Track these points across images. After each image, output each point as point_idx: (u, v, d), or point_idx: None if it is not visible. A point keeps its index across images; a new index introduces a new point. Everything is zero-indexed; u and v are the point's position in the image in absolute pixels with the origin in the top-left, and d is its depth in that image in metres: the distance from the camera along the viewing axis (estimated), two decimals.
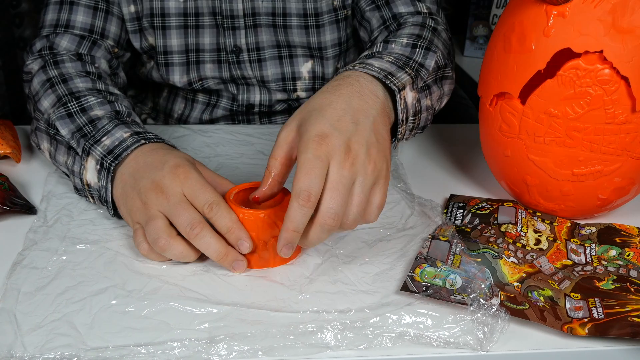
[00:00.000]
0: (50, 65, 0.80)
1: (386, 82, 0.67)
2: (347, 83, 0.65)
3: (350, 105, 0.61)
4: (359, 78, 0.66)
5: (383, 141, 0.62)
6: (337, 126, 0.59)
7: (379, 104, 0.64)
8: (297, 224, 0.57)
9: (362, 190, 0.58)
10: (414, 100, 0.70)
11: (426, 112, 0.74)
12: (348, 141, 0.58)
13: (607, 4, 0.63)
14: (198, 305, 0.58)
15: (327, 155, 0.57)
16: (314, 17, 0.93)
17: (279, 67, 0.97)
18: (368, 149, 0.59)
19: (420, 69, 0.73)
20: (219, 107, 1.01)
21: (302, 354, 0.54)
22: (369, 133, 0.60)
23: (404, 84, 0.68)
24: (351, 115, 0.60)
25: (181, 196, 0.62)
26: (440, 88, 0.77)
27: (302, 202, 0.56)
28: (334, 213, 0.57)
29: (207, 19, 0.92)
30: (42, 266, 0.62)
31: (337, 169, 0.57)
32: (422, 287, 0.60)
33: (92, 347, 0.53)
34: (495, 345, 0.55)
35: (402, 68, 0.71)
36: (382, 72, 0.68)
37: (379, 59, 0.71)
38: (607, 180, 0.69)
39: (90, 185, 0.69)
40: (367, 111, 0.62)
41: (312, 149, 0.57)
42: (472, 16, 1.72)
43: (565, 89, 0.65)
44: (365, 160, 0.58)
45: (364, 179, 0.58)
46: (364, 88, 0.65)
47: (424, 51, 0.75)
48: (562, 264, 0.66)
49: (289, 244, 0.58)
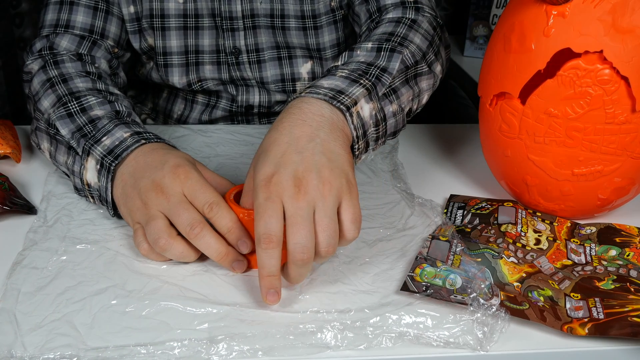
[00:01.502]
0: (50, 65, 0.80)
1: (332, 103, 0.64)
2: (289, 114, 0.63)
3: (292, 136, 0.60)
4: (301, 104, 0.64)
5: (337, 158, 0.60)
6: (281, 162, 0.58)
7: (325, 122, 0.62)
8: (270, 268, 0.56)
9: (325, 214, 0.57)
10: (372, 111, 0.67)
11: (394, 118, 0.71)
12: (295, 172, 0.57)
13: (607, 4, 0.63)
14: (198, 305, 0.58)
15: (278, 194, 0.57)
16: (312, 19, 0.93)
17: (278, 68, 0.97)
18: (319, 173, 0.58)
19: (382, 74, 0.70)
20: (218, 107, 1.01)
21: (302, 354, 0.54)
22: (318, 156, 0.59)
23: (355, 100, 0.66)
24: (295, 146, 0.59)
25: (181, 196, 0.62)
26: (412, 87, 0.74)
27: (265, 245, 0.56)
28: (302, 246, 0.56)
29: (207, 21, 0.93)
30: (42, 266, 0.62)
31: (290, 203, 0.56)
32: (422, 287, 0.60)
33: (92, 347, 0.53)
34: (495, 345, 0.55)
35: (356, 81, 0.68)
36: (330, 92, 0.65)
37: (332, 77, 0.68)
38: (607, 180, 0.69)
39: (90, 185, 0.69)
40: (311, 135, 0.60)
41: (261, 193, 0.57)
42: (472, 16, 1.72)
43: (565, 89, 0.65)
44: (319, 184, 0.57)
45: (323, 203, 0.57)
46: (306, 113, 0.62)
47: (388, 54, 0.72)
48: (562, 264, 0.66)
49: (272, 289, 0.57)
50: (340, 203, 0.58)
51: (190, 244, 0.61)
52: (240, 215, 0.62)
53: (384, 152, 0.88)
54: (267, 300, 0.57)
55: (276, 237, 0.56)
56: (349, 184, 0.59)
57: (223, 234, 0.61)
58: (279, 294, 0.57)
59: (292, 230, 0.56)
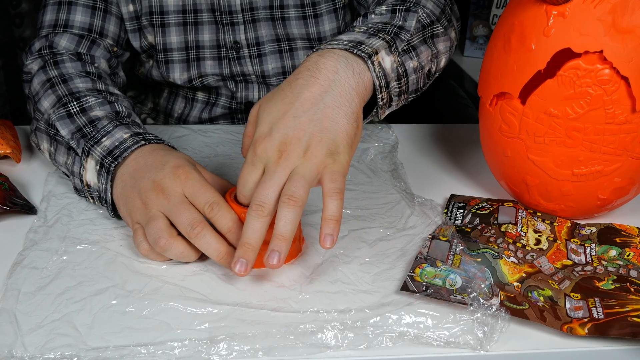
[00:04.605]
0: (50, 65, 0.80)
1: (352, 51, 0.65)
2: (305, 69, 0.64)
3: (299, 97, 0.62)
4: (318, 58, 0.65)
5: (333, 127, 0.61)
6: (278, 124, 0.61)
7: (337, 82, 0.63)
8: (247, 234, 0.59)
9: (297, 172, 0.59)
10: (394, 64, 0.68)
11: (415, 75, 0.72)
12: (284, 137, 0.60)
13: (607, 4, 0.63)
14: (198, 305, 0.58)
15: (261, 159, 0.60)
16: (312, 7, 0.92)
17: (279, 61, 0.97)
18: (307, 142, 0.60)
19: (400, 31, 0.71)
20: (218, 105, 1.01)
21: (303, 354, 0.54)
22: (313, 124, 0.60)
23: (376, 49, 0.67)
24: (296, 109, 0.61)
25: (182, 196, 0.62)
26: (431, 47, 0.75)
27: (241, 199, 0.62)
28: (261, 201, 0.59)
29: (206, 16, 0.93)
30: (42, 266, 0.62)
31: (268, 167, 0.60)
32: (422, 287, 0.60)
33: (93, 347, 0.53)
34: (495, 345, 0.55)
35: (375, 35, 0.69)
36: (350, 42, 0.67)
37: (350, 33, 0.69)
38: (607, 180, 0.69)
39: (90, 185, 0.69)
40: (317, 98, 0.62)
41: (250, 153, 0.61)
42: (472, 16, 1.72)
43: (565, 89, 0.65)
44: (301, 152, 0.59)
45: (300, 167, 0.59)
46: (320, 69, 0.63)
47: (403, 13, 0.73)
48: (562, 264, 0.66)
49: (243, 259, 0.58)
50: (322, 172, 0.60)
51: (191, 244, 0.61)
52: (240, 215, 0.62)
53: (384, 152, 0.88)
54: (234, 269, 0.58)
55: (249, 194, 0.60)
56: (335, 155, 0.60)
57: (224, 233, 0.61)
58: (248, 266, 0.58)
59: (258, 186, 0.59)
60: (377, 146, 0.90)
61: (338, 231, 0.58)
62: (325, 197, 0.59)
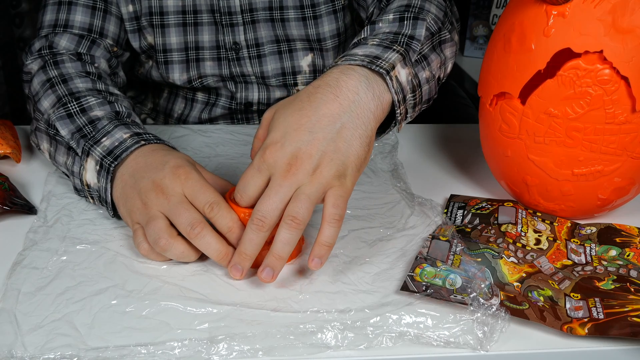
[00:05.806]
0: (50, 65, 0.80)
1: (372, 68, 0.65)
2: (326, 84, 0.63)
3: (317, 112, 0.61)
4: (340, 76, 0.64)
5: (346, 148, 0.61)
6: (292, 134, 0.60)
7: (356, 103, 0.63)
8: (245, 243, 0.59)
9: (302, 191, 0.58)
10: (409, 77, 0.68)
11: (427, 85, 0.72)
12: (296, 151, 0.59)
13: (607, 4, 0.63)
14: (198, 305, 0.58)
15: (268, 167, 0.59)
16: (311, 8, 0.92)
17: (279, 62, 0.97)
18: (318, 160, 0.59)
19: (411, 41, 0.71)
20: (217, 105, 1.01)
21: (303, 354, 0.54)
22: (326, 143, 0.60)
23: (392, 64, 0.67)
24: (312, 124, 0.60)
25: (182, 196, 0.62)
26: (439, 54, 0.75)
27: (238, 199, 0.61)
28: (262, 215, 0.58)
29: (206, 17, 0.93)
30: (42, 266, 0.62)
31: (274, 178, 0.59)
32: (422, 287, 0.60)
33: (93, 347, 0.53)
34: (495, 345, 0.55)
35: (389, 47, 0.68)
36: (367, 58, 0.66)
37: (364, 46, 0.69)
38: (607, 180, 0.69)
39: (90, 185, 0.69)
40: (335, 117, 0.61)
41: (258, 158, 0.60)
42: (472, 16, 1.73)
43: (565, 89, 0.65)
44: (310, 170, 0.59)
45: (307, 186, 0.59)
46: (341, 88, 0.63)
47: (412, 22, 0.73)
48: (562, 264, 0.66)
49: (239, 265, 0.60)
50: (326, 193, 0.60)
51: (191, 244, 0.61)
52: (241, 215, 0.62)
53: (384, 152, 0.88)
54: (230, 272, 0.60)
55: (248, 201, 0.61)
56: (342, 178, 0.60)
57: (224, 233, 0.61)
58: (243, 272, 0.60)
59: (262, 199, 0.59)
60: (377, 146, 0.90)
61: (328, 256, 0.60)
62: (324, 221, 0.59)
